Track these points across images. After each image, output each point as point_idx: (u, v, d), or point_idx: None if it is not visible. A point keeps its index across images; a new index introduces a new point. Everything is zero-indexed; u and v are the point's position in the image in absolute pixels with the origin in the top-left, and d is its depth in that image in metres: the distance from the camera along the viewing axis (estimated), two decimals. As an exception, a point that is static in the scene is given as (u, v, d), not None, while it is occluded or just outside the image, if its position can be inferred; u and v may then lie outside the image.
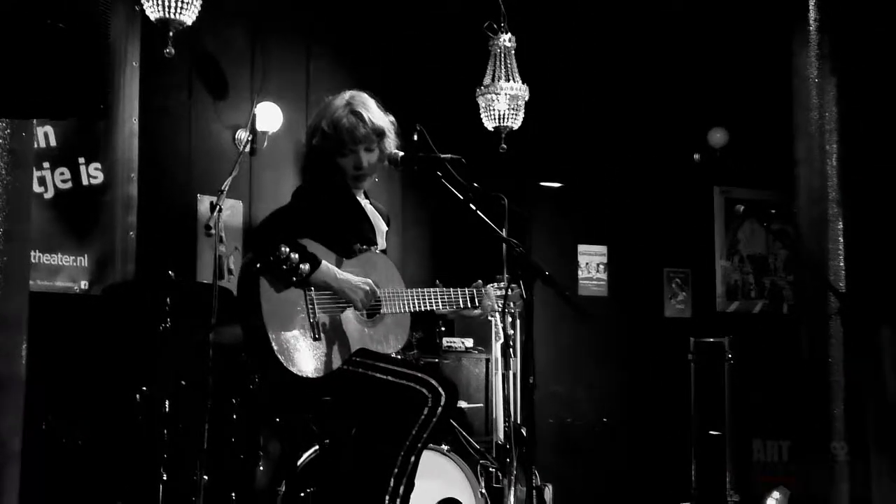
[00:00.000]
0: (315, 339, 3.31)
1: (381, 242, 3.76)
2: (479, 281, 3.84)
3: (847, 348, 5.36)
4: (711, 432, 7.04)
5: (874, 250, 6.42)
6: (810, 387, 5.90)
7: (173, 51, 5.38)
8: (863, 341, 5.78)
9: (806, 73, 6.06)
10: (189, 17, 5.36)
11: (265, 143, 6.24)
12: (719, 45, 7.57)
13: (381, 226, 3.80)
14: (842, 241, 5.90)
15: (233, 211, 6.09)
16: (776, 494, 6.18)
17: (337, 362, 3.35)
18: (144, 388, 4.62)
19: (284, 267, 3.22)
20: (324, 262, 3.34)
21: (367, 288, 3.41)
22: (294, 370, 3.25)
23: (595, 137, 7.58)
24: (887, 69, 6.44)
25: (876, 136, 6.68)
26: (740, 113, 7.91)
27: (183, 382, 4.63)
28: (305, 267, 3.27)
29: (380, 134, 3.65)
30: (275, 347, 3.24)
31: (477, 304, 3.75)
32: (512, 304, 3.89)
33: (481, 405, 6.21)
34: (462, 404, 5.90)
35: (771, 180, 7.81)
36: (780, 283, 8.44)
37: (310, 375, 3.28)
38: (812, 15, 6.06)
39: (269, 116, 6.19)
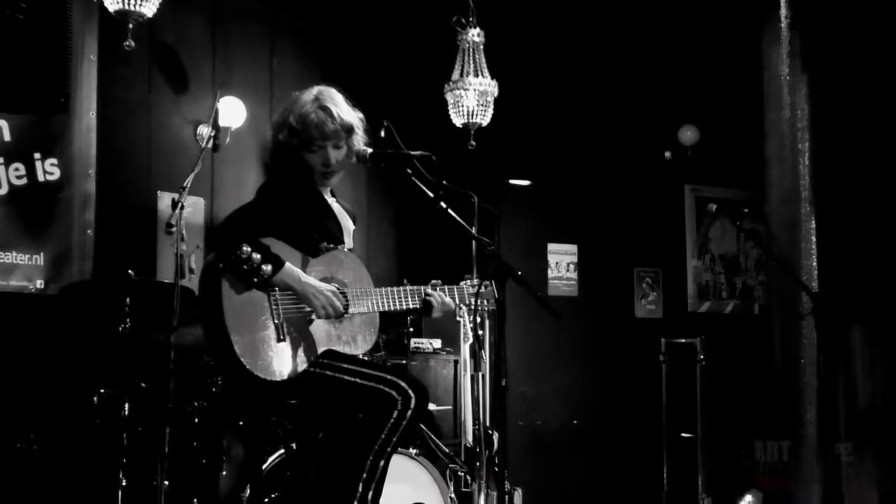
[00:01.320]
0: (279, 341, 3.29)
1: (349, 241, 3.74)
2: (435, 281, 3.82)
3: (819, 349, 5.42)
4: (683, 434, 7.09)
5: (847, 249, 6.49)
6: (782, 388, 5.96)
7: (133, 43, 5.33)
8: (835, 342, 5.85)
9: (777, 70, 6.11)
10: (149, 9, 5.31)
11: (228, 139, 6.20)
12: (690, 41, 7.61)
13: (348, 224, 3.79)
14: (814, 240, 5.97)
15: (194, 208, 6.04)
16: (749, 498, 6.24)
17: (303, 364, 3.33)
18: (103, 391, 4.58)
19: (245, 267, 3.20)
20: (287, 263, 3.32)
21: (331, 296, 3.39)
22: (258, 373, 3.22)
23: (565, 135, 7.61)
24: (859, 66, 6.52)
25: (848, 134, 6.76)
26: (711, 110, 7.96)
27: (143, 385, 4.59)
28: (268, 268, 3.24)
29: (348, 130, 3.63)
30: (237, 350, 3.21)
31: (432, 302, 3.71)
32: (485, 303, 3.90)
33: (450, 408, 6.21)
34: (431, 407, 5.89)
35: (742, 179, 7.87)
36: (751, 283, 8.51)
37: (274, 378, 3.26)
38: (783, 11, 6.12)
39: (231, 111, 6.14)
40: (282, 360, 3.29)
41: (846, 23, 6.38)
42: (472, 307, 3.78)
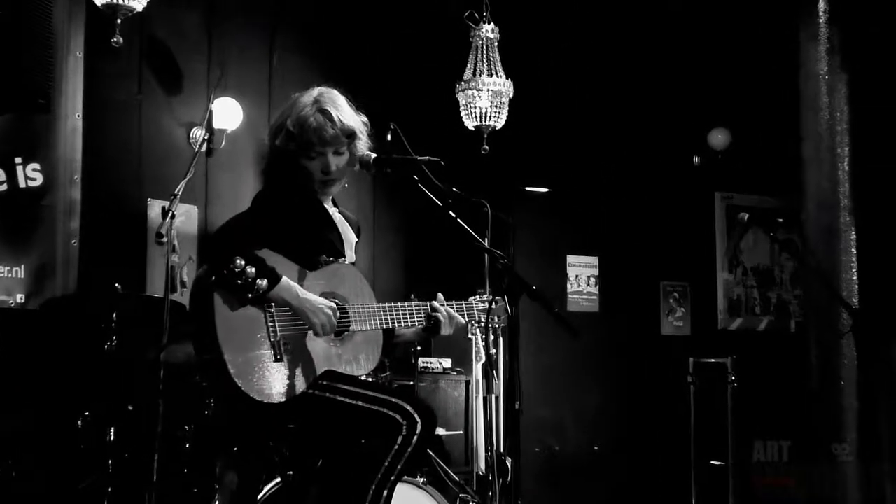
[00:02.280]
0: (276, 360, 3.28)
1: (350, 255, 3.73)
2: (440, 295, 3.81)
3: (860, 369, 5.38)
4: (713, 462, 7.04)
5: (889, 261, 6.45)
6: (821, 411, 5.92)
7: (121, 40, 5.34)
8: (877, 361, 5.81)
9: (814, 68, 6.09)
10: (139, 2, 5.33)
11: (223, 143, 6.21)
12: (721, 38, 7.60)
13: (349, 236, 3.77)
14: (854, 251, 5.94)
15: (187, 217, 6.04)
16: None
17: (301, 386, 3.32)
18: (87, 414, 4.57)
19: (239, 282, 3.19)
20: (284, 277, 3.31)
21: (331, 313, 3.38)
22: (253, 395, 3.21)
23: (586, 138, 7.60)
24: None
25: (891, 136, 6.73)
26: (743, 112, 7.94)
27: (130, 407, 4.58)
28: (263, 283, 3.23)
29: (350, 135, 3.62)
30: (231, 370, 3.20)
31: (439, 318, 3.70)
32: (496, 319, 3.87)
33: (461, 432, 6.19)
34: (440, 431, 5.88)
35: (777, 185, 7.84)
36: (786, 298, 8.47)
37: (271, 400, 3.25)
38: (821, 6, 6.11)
39: (227, 113, 6.15)
40: (278, 382, 3.28)
41: (888, 17, 6.36)
42: (484, 324, 3.75)
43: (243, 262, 3.19)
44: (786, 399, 7.06)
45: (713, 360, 7.11)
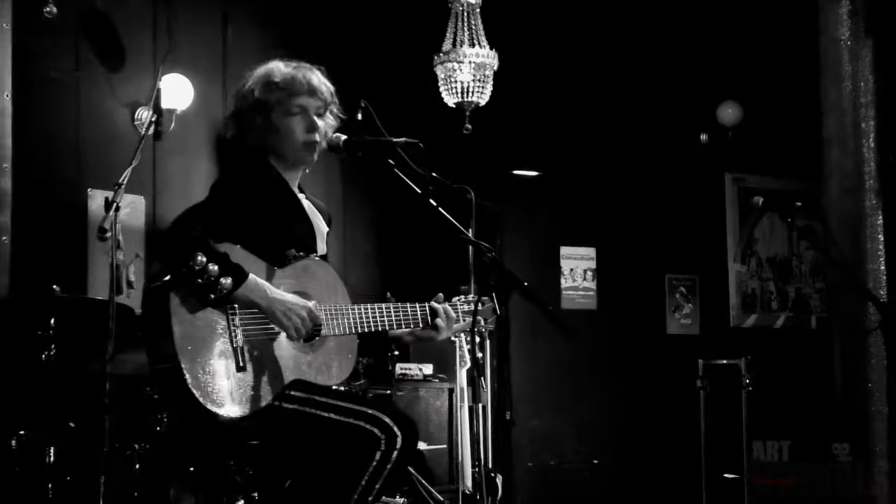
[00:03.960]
0: (239, 370, 3.27)
1: (322, 246, 3.74)
2: (440, 294, 3.83)
3: (890, 370, 5.43)
4: (726, 475, 7.09)
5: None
6: (846, 417, 5.98)
7: (55, 9, 5.32)
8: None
9: (836, 33, 6.13)
10: (75, -32, 5.31)
11: (172, 125, 6.20)
12: (731, 2, 7.63)
13: (321, 226, 3.78)
14: (881, 238, 5.98)
15: (133, 209, 6.04)
16: None
17: (267, 397, 3.32)
18: (22, 433, 4.55)
19: (200, 280, 3.18)
20: (252, 275, 3.31)
21: (305, 314, 3.38)
22: (212, 408, 3.21)
23: (580, 115, 7.62)
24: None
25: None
26: (756, 84, 7.98)
27: (72, 424, 4.58)
28: (227, 281, 3.22)
29: (328, 101, 3.64)
30: (188, 380, 3.19)
31: (438, 323, 3.73)
32: (482, 322, 3.89)
33: (444, 446, 6.22)
34: (421, 446, 5.90)
35: (795, 166, 7.89)
36: (806, 292, 8.53)
37: (232, 414, 3.25)
38: (842, -38, 6.15)
39: (177, 91, 6.14)
40: (242, 393, 3.28)
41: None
42: (470, 326, 3.76)
43: (205, 259, 3.17)
44: (807, 404, 7.12)
45: (725, 362, 7.16)
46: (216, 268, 3.19)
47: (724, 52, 7.85)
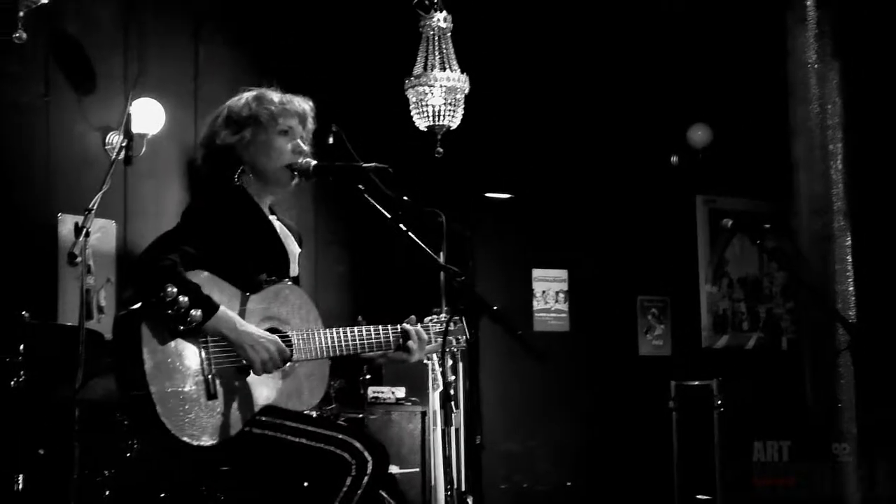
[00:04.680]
0: (210, 398, 3.28)
1: (294, 268, 3.75)
2: (413, 317, 3.83)
3: (859, 390, 5.46)
4: (699, 497, 7.11)
5: (889, 271, 6.56)
6: (817, 438, 6.01)
7: (24, 35, 5.30)
8: (878, 382, 5.90)
9: (803, 56, 6.19)
10: (45, -8, 5.30)
11: (143, 149, 6.18)
12: (700, 25, 7.69)
13: (293, 248, 3.79)
14: (850, 260, 6.03)
15: (103, 234, 6.01)
16: None
17: (237, 424, 3.31)
18: (-9, 460, 4.53)
19: (170, 312, 3.18)
20: (222, 307, 3.31)
21: (274, 348, 3.38)
22: (183, 437, 3.21)
23: (551, 138, 7.65)
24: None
25: (889, 131, 6.85)
26: (725, 106, 8.04)
27: (41, 451, 4.54)
28: (197, 313, 3.23)
29: (311, 132, 3.67)
30: (158, 408, 3.19)
31: (410, 345, 3.74)
32: (454, 343, 3.90)
33: (417, 470, 6.20)
34: (393, 470, 5.88)
35: (765, 187, 7.94)
36: (777, 313, 8.57)
37: (202, 442, 3.24)
38: (809, -14, 6.22)
39: (148, 115, 6.13)
40: (212, 421, 3.28)
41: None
42: (441, 348, 3.77)
43: (175, 290, 3.18)
44: (778, 424, 7.14)
45: (697, 383, 7.19)
46: (186, 299, 3.20)
47: (695, 74, 7.90)
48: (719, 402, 7.00)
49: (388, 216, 3.50)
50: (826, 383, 5.95)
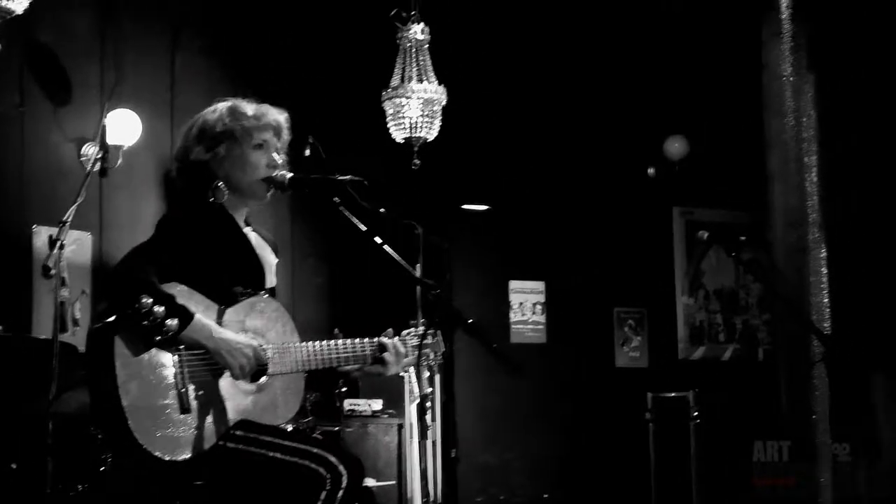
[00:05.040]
0: (183, 412, 3.27)
1: (271, 279, 3.74)
2: (390, 329, 3.83)
3: (833, 402, 5.49)
4: (676, 508, 7.12)
5: (864, 282, 6.59)
6: (793, 448, 6.03)
7: (-1, 46, 5.29)
8: (852, 393, 5.93)
9: (779, 69, 6.22)
10: (20, 3, 5.28)
11: (119, 160, 6.16)
12: (676, 38, 7.72)
13: (269, 259, 3.78)
14: (825, 272, 6.05)
15: (79, 245, 5.99)
16: None
17: (211, 439, 3.30)
18: (-36, 474, 4.50)
19: (146, 323, 3.17)
20: (198, 315, 3.31)
21: (251, 352, 3.38)
22: (156, 451, 3.20)
23: (529, 150, 7.67)
24: (875, 63, 6.65)
25: (863, 144, 6.89)
26: (702, 119, 8.07)
27: (13, 466, 4.52)
28: (173, 323, 3.22)
29: (286, 144, 3.67)
30: (131, 424, 3.17)
31: (386, 358, 3.74)
32: (431, 356, 3.89)
33: (394, 483, 6.19)
34: (370, 483, 5.86)
35: (741, 199, 7.97)
36: (754, 324, 8.60)
37: (175, 457, 3.23)
38: (783, 1, 6.24)
39: (124, 126, 6.11)
40: (185, 435, 3.27)
41: (859, 12, 6.51)
42: (416, 362, 3.77)
43: (150, 301, 3.18)
44: (754, 435, 7.16)
45: (674, 395, 7.20)
46: (162, 309, 3.19)
47: (671, 87, 7.94)
48: (696, 413, 7.01)
49: (364, 229, 3.50)
50: (801, 395, 5.96)
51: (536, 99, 7.68)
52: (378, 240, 3.48)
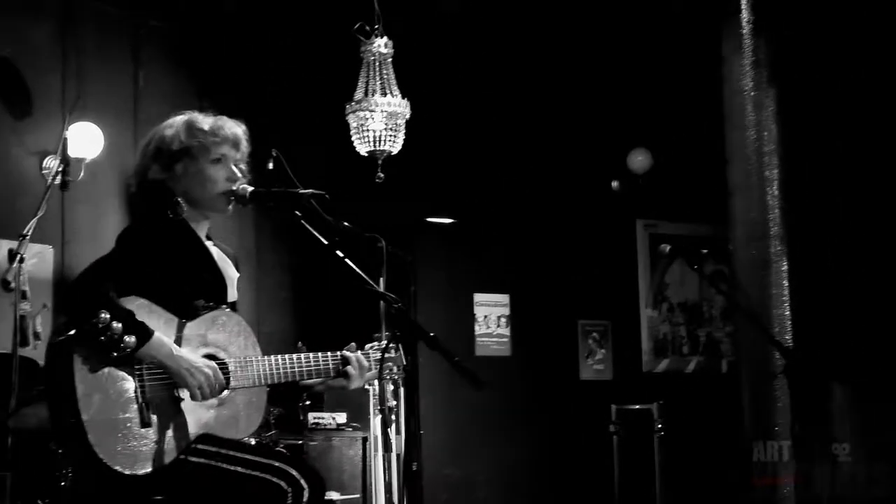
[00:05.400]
0: (144, 426, 3.26)
1: (233, 293, 3.73)
2: (353, 343, 3.83)
3: (794, 414, 5.53)
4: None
5: (825, 295, 6.65)
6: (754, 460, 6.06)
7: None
8: (813, 405, 5.97)
9: (739, 84, 6.28)
10: (-21, 15, 5.26)
11: (81, 173, 6.13)
12: (639, 52, 7.77)
13: (231, 273, 3.77)
14: (786, 284, 6.10)
15: (40, 259, 5.95)
16: None
17: (172, 453, 3.29)
18: (-78, 490, 4.46)
19: (103, 338, 3.16)
20: (157, 334, 3.29)
21: (210, 373, 3.37)
22: (116, 466, 3.18)
23: (493, 163, 7.69)
24: (836, 77, 6.72)
25: (824, 158, 6.95)
26: (665, 132, 8.12)
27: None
28: (131, 340, 3.21)
29: (245, 156, 3.66)
30: (91, 438, 3.16)
31: (349, 371, 3.74)
32: (395, 370, 3.90)
33: (358, 496, 6.19)
34: (333, 496, 5.86)
35: (703, 212, 8.02)
36: (717, 336, 8.64)
37: (135, 471, 3.22)
38: (744, 15, 6.30)
39: (86, 139, 6.08)
40: (145, 450, 3.25)
41: (818, 26, 6.58)
42: (378, 375, 3.78)
43: (108, 317, 3.16)
44: (718, 447, 7.20)
45: (638, 407, 7.23)
46: (120, 326, 3.18)
47: (634, 101, 7.98)
48: (660, 425, 7.04)
49: (325, 242, 3.50)
50: (763, 406, 6.00)
51: (500, 112, 7.70)
52: (340, 253, 3.49)
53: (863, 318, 6.58)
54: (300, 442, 5.78)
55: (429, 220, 7.48)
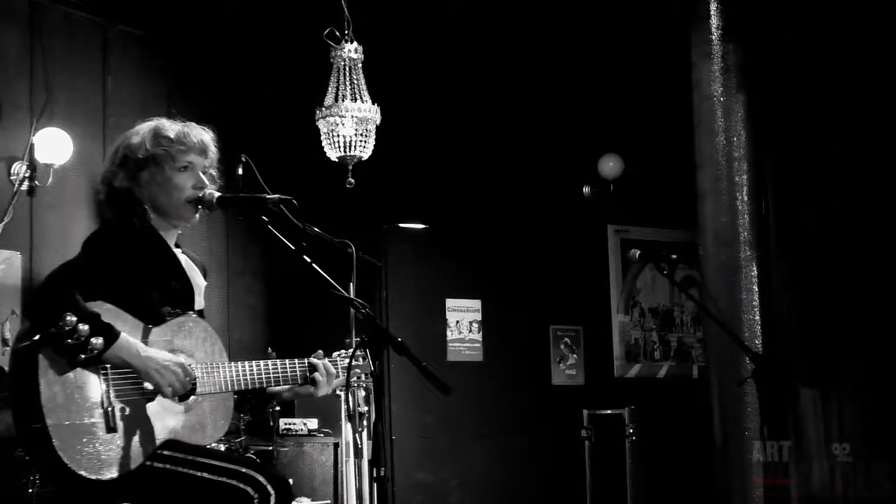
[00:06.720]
0: (109, 431, 3.25)
1: (200, 301, 3.73)
2: (320, 351, 3.84)
3: (763, 419, 5.56)
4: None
5: (794, 301, 6.68)
6: (726, 465, 6.09)
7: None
8: (782, 410, 6.00)
9: (708, 89, 6.32)
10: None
11: (49, 179, 6.12)
12: (609, 58, 7.81)
13: (199, 281, 3.77)
14: (756, 290, 6.13)
15: (8, 265, 5.94)
16: None
17: (138, 459, 3.29)
18: None
19: (70, 341, 3.15)
20: (123, 334, 3.29)
21: (180, 371, 3.37)
22: (81, 471, 3.17)
23: (464, 168, 7.71)
24: (804, 83, 6.77)
25: (793, 163, 6.99)
26: (635, 138, 8.16)
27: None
28: (98, 341, 3.20)
29: (214, 162, 3.66)
30: (55, 443, 3.15)
31: (317, 378, 3.74)
32: (363, 376, 3.91)
33: (329, 502, 6.19)
34: (306, 502, 5.86)
35: (674, 217, 8.06)
36: (688, 342, 8.68)
37: (101, 476, 3.21)
38: (713, 21, 6.34)
39: (54, 145, 6.07)
40: (111, 455, 3.25)
41: (787, 31, 6.63)
42: (345, 382, 3.78)
43: (74, 319, 3.15)
44: (689, 452, 7.23)
45: (610, 412, 7.24)
46: (86, 327, 3.17)
47: (604, 106, 8.02)
48: (631, 430, 7.06)
49: (292, 248, 3.50)
50: (733, 411, 6.04)
51: (471, 118, 7.73)
52: (307, 258, 3.49)
53: (832, 322, 6.62)
54: (270, 448, 5.77)
55: (400, 225, 7.49)
